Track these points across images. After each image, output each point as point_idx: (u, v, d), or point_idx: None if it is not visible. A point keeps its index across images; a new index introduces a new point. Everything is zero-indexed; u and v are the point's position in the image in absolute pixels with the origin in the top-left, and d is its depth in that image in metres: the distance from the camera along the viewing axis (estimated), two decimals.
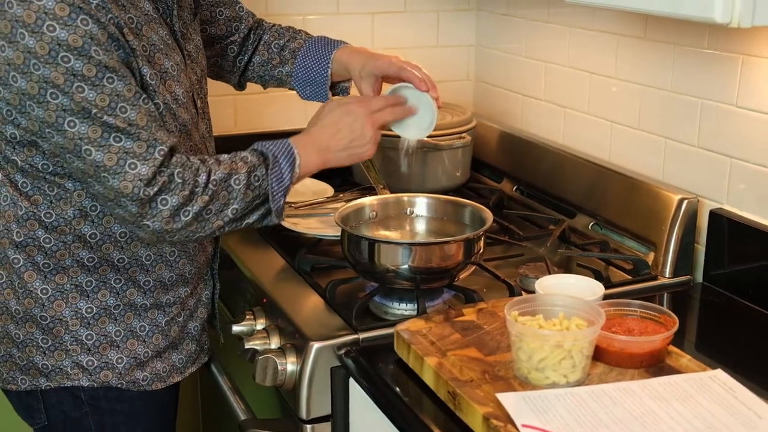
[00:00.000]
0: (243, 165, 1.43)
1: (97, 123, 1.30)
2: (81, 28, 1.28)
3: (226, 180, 1.40)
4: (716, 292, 1.73)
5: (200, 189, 1.38)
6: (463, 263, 1.59)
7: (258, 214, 1.47)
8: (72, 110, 1.29)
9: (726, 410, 1.21)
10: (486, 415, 1.19)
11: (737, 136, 1.70)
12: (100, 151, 1.31)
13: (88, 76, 1.28)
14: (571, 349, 1.26)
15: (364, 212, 1.76)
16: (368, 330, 1.52)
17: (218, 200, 1.40)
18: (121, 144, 1.32)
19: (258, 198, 1.44)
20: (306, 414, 1.52)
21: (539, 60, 2.27)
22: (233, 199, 1.41)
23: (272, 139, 1.87)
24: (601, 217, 1.96)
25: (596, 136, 2.08)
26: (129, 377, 1.51)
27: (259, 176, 1.44)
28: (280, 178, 1.46)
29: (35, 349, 1.48)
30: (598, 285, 1.51)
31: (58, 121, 1.30)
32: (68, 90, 1.28)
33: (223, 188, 1.40)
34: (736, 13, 1.22)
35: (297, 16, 2.33)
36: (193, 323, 1.61)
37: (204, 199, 1.38)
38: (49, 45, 1.26)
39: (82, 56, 1.28)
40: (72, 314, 1.47)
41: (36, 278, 1.46)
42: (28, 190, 1.42)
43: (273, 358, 1.52)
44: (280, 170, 1.46)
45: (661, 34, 1.86)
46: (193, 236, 1.41)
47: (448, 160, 2.20)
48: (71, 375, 1.49)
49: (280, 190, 1.46)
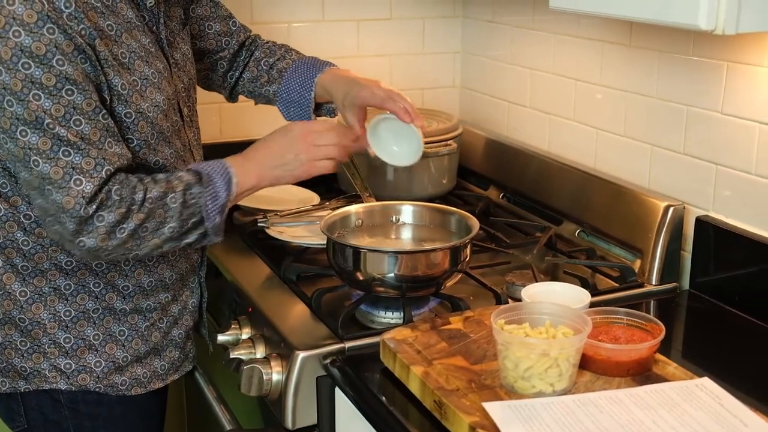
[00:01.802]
0: (179, 183, 1.42)
1: (48, 134, 1.30)
2: (46, 36, 1.28)
3: (162, 198, 1.39)
4: (702, 299, 1.73)
5: (136, 206, 1.37)
6: (450, 271, 1.59)
7: (196, 234, 1.45)
8: (25, 119, 1.29)
9: (712, 418, 1.21)
10: (472, 425, 1.19)
11: (723, 143, 1.70)
12: (48, 164, 1.31)
13: (46, 85, 1.29)
14: (557, 357, 1.25)
15: (349, 220, 1.75)
16: (354, 339, 1.51)
17: (154, 218, 1.39)
18: (70, 158, 1.31)
19: (194, 216, 1.43)
20: (292, 423, 1.51)
21: (525, 67, 2.27)
22: (169, 217, 1.40)
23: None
24: (588, 225, 1.96)
25: (582, 143, 2.08)
26: (107, 381, 1.51)
27: (194, 194, 1.43)
28: (215, 196, 1.44)
29: (14, 352, 1.48)
30: (585, 293, 1.51)
31: (11, 129, 1.30)
32: (24, 97, 1.28)
33: (159, 206, 1.39)
34: (721, 20, 1.22)
35: (282, 24, 2.33)
36: (177, 330, 1.60)
37: (140, 217, 1.37)
38: (12, 50, 1.26)
39: (43, 65, 1.28)
40: (50, 317, 1.47)
41: (15, 280, 1.46)
42: (8, 191, 1.42)
43: (258, 367, 1.52)
44: (215, 188, 1.45)
45: (646, 41, 1.86)
46: (129, 254, 1.40)
47: (434, 167, 2.20)
48: (49, 378, 1.49)
49: (215, 208, 1.45)
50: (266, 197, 2.12)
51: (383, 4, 2.42)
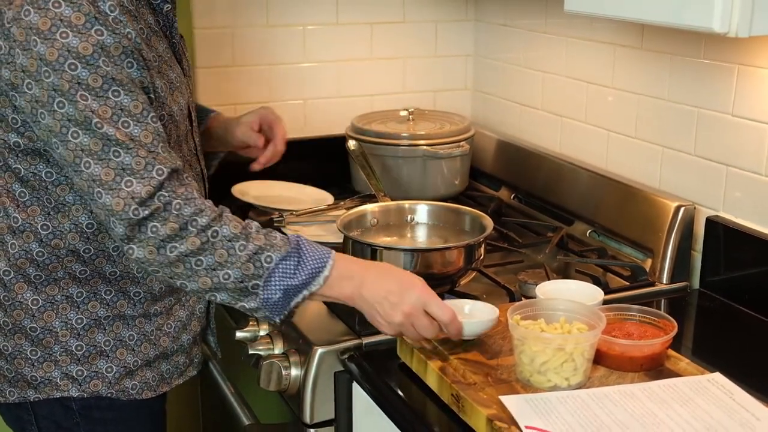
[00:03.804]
0: (260, 237, 1.34)
1: (97, 135, 1.28)
2: (94, 37, 1.27)
3: (231, 240, 1.31)
4: (713, 298, 1.76)
5: (194, 230, 1.30)
6: (464, 269, 1.62)
7: (253, 302, 1.34)
8: (75, 120, 1.28)
9: (725, 412, 1.23)
10: (490, 417, 1.21)
11: (733, 145, 1.73)
12: (99, 165, 1.29)
13: (92, 86, 1.28)
14: (572, 352, 1.28)
15: (365, 219, 1.78)
16: (371, 335, 1.54)
17: (212, 255, 1.30)
18: (120, 159, 1.29)
19: (259, 278, 1.32)
20: (310, 418, 1.53)
21: (537, 70, 2.30)
22: (230, 263, 1.31)
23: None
24: (599, 225, 1.98)
25: (593, 144, 2.10)
26: (118, 386, 1.50)
27: (272, 258, 1.33)
28: (290, 274, 1.34)
29: (24, 361, 1.47)
30: (598, 290, 1.53)
31: (62, 131, 1.29)
32: (72, 98, 1.27)
33: (223, 246, 1.31)
34: (734, 23, 1.25)
35: (297, 27, 2.35)
36: (186, 336, 1.58)
37: (194, 242, 1.29)
38: (58, 51, 1.26)
39: (90, 65, 1.27)
40: (62, 325, 1.46)
41: (26, 289, 1.44)
42: (26, 200, 1.41)
43: (277, 363, 1.54)
44: (296, 267, 1.34)
45: (657, 44, 1.89)
46: (177, 281, 1.33)
47: (446, 168, 2.22)
48: (61, 386, 1.48)
49: (281, 284, 1.33)
50: (282, 197, 2.15)
51: (397, 8, 2.45)
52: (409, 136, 2.20)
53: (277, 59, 2.36)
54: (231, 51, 2.31)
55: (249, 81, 2.34)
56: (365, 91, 2.48)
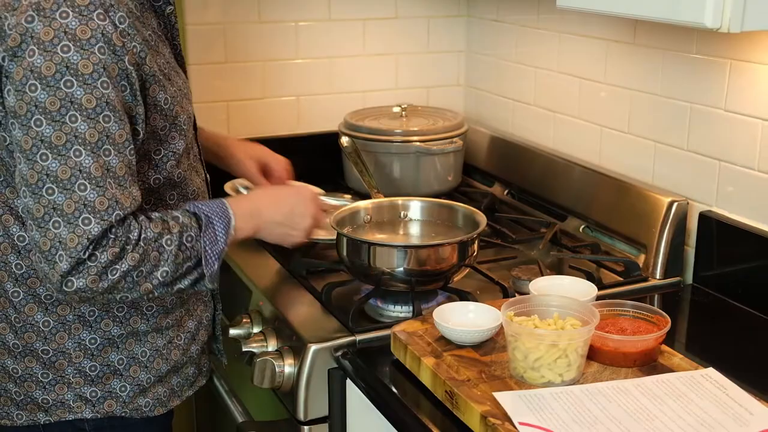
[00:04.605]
0: (175, 224, 1.34)
1: (70, 163, 1.22)
2: (96, 55, 1.23)
3: (158, 239, 1.30)
4: (706, 293, 1.76)
5: (131, 246, 1.27)
6: (458, 265, 1.61)
7: (190, 279, 1.36)
8: (50, 142, 1.22)
9: (718, 407, 1.23)
10: (484, 414, 1.21)
11: (726, 140, 1.73)
12: (63, 194, 1.23)
13: (85, 107, 1.23)
14: (566, 348, 1.28)
15: (359, 216, 1.78)
16: (365, 332, 1.54)
17: (149, 261, 1.29)
18: (85, 194, 1.24)
19: (189, 260, 1.35)
20: (303, 415, 1.53)
21: (529, 65, 2.30)
22: (163, 261, 1.31)
23: (267, 144, 1.91)
24: (592, 220, 1.99)
25: (586, 140, 2.10)
26: (132, 405, 1.47)
27: (192, 237, 1.35)
28: (214, 241, 1.37)
29: (35, 384, 1.43)
30: (591, 286, 1.54)
31: (32, 150, 1.22)
32: (60, 118, 1.22)
33: (154, 248, 1.30)
34: (726, 19, 1.25)
35: (289, 23, 2.35)
36: (195, 346, 1.56)
37: (134, 257, 1.27)
38: (56, 66, 1.21)
39: (87, 84, 1.22)
40: (75, 346, 1.42)
41: (37, 311, 1.40)
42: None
43: (271, 360, 1.54)
44: (214, 232, 1.38)
45: (650, 39, 1.89)
46: (117, 296, 1.30)
47: (439, 164, 2.22)
48: (74, 408, 1.44)
49: (214, 254, 1.37)
50: None
51: (389, 4, 2.44)
52: (402, 133, 2.20)
53: (269, 55, 2.36)
54: (223, 47, 2.30)
55: (241, 77, 2.34)
56: (358, 88, 2.48)
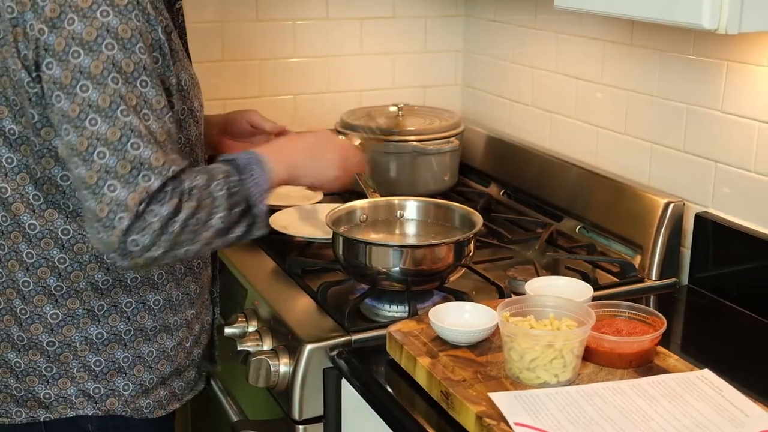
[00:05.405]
0: (218, 173, 1.34)
1: (119, 124, 1.22)
2: (133, 21, 1.23)
3: (207, 187, 1.30)
4: (701, 294, 1.76)
5: (186, 195, 1.27)
6: (454, 265, 1.61)
7: (243, 226, 1.36)
8: (98, 106, 1.21)
9: (714, 409, 1.23)
10: (479, 414, 1.21)
11: (722, 141, 1.73)
12: (115, 156, 1.21)
13: (125, 71, 1.23)
14: (562, 348, 1.28)
15: (354, 215, 1.77)
16: (360, 332, 1.54)
17: (203, 208, 1.28)
18: (139, 152, 1.22)
19: (239, 204, 1.34)
20: (299, 415, 1.53)
21: (526, 65, 2.30)
22: (216, 206, 1.30)
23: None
24: (588, 221, 1.99)
25: (583, 140, 2.10)
26: (134, 405, 1.46)
27: (235, 182, 1.34)
28: (256, 183, 1.37)
29: (37, 378, 1.41)
30: (587, 287, 1.54)
31: (80, 116, 1.21)
32: (103, 81, 1.21)
33: (206, 196, 1.29)
34: (724, 20, 1.25)
35: (287, 22, 2.35)
36: (197, 350, 1.56)
37: (190, 206, 1.26)
38: (97, 31, 1.21)
39: (126, 49, 1.23)
40: (81, 339, 1.40)
41: (46, 302, 1.38)
42: (41, 204, 1.35)
43: (266, 359, 1.54)
44: (255, 175, 1.37)
45: (647, 40, 1.89)
46: (180, 251, 1.28)
47: (436, 164, 2.22)
48: (76, 403, 1.43)
49: (259, 193, 1.37)
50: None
51: (386, 3, 2.45)
52: (398, 132, 2.20)
53: (266, 54, 2.35)
54: (220, 46, 2.30)
55: (238, 76, 2.34)
56: (355, 87, 2.48)
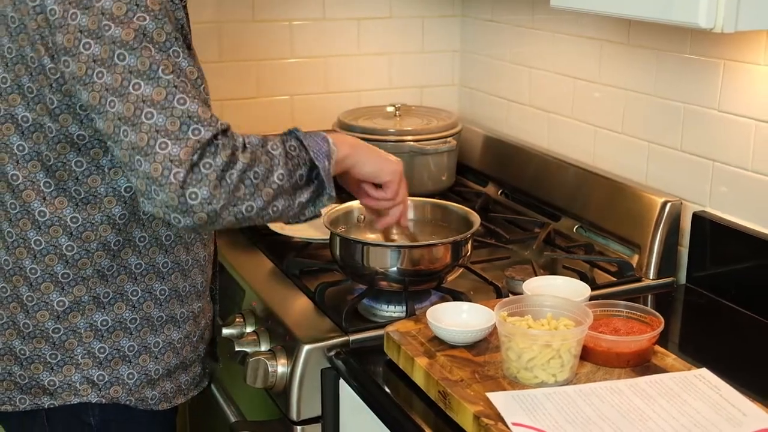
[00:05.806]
0: (272, 136, 1.33)
1: (162, 82, 1.21)
2: None
3: (263, 145, 1.29)
4: (699, 293, 1.76)
5: (240, 148, 1.25)
6: (451, 265, 1.61)
7: (308, 192, 1.34)
8: (138, 70, 1.21)
9: (711, 408, 1.23)
10: (477, 414, 1.21)
11: (719, 140, 1.73)
12: (163, 114, 1.20)
13: (157, 40, 1.23)
14: (559, 348, 1.28)
15: (352, 215, 1.77)
16: (358, 332, 1.54)
17: (260, 162, 1.26)
18: (186, 107, 1.21)
19: (300, 167, 1.32)
20: (296, 415, 1.53)
21: (524, 65, 2.30)
22: (275, 164, 1.28)
23: None
24: (586, 220, 1.99)
25: (580, 140, 2.10)
26: (139, 395, 1.45)
27: (294, 146, 1.33)
28: (317, 145, 1.35)
29: (42, 365, 1.41)
30: (585, 286, 1.54)
31: (123, 84, 1.21)
32: (137, 46, 1.21)
33: (262, 152, 1.28)
34: (720, 19, 1.25)
35: (283, 22, 2.35)
36: (203, 345, 1.56)
37: (246, 156, 1.25)
38: (127, 5, 1.22)
39: (158, 19, 1.23)
40: (87, 326, 1.40)
41: (53, 290, 1.38)
42: (51, 191, 1.34)
43: (264, 360, 1.54)
44: (314, 139, 1.36)
45: (644, 39, 1.89)
46: (242, 206, 1.25)
47: (433, 164, 2.22)
48: (80, 390, 1.42)
49: (322, 154, 1.35)
50: None
51: (383, 3, 2.44)
52: (395, 132, 2.20)
53: (263, 55, 2.35)
54: (218, 46, 2.30)
55: (235, 76, 2.33)
56: (352, 87, 2.47)
